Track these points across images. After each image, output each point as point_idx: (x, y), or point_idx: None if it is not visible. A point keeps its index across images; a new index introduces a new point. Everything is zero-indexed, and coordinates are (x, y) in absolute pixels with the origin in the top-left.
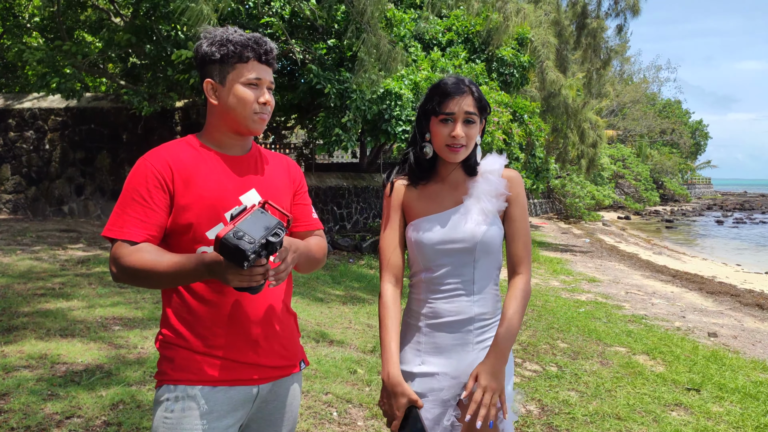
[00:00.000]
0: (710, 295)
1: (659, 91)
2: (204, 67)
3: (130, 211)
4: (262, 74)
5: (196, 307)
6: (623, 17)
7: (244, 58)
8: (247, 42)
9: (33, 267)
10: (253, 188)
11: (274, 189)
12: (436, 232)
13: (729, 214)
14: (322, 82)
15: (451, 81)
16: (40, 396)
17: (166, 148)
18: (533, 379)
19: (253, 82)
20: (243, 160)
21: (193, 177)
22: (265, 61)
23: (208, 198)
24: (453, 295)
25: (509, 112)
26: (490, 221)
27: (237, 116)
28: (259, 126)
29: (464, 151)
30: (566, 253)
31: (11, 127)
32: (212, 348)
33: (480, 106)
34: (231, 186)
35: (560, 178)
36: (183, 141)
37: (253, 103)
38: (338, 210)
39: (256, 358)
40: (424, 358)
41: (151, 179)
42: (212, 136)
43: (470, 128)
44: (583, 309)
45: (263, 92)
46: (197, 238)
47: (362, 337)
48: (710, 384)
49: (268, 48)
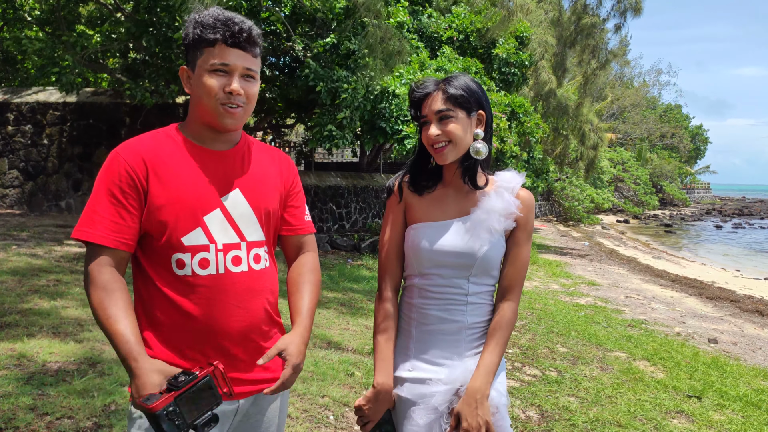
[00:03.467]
0: (710, 301)
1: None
2: (185, 53)
3: (101, 210)
4: (232, 59)
5: (172, 319)
6: (624, 17)
7: (211, 42)
8: (214, 23)
9: (28, 263)
10: (237, 188)
11: (261, 189)
12: (436, 240)
13: (728, 219)
14: (315, 80)
15: (420, 83)
16: (30, 396)
17: (141, 140)
18: (533, 384)
19: (219, 68)
20: (227, 156)
21: (170, 174)
22: (235, 44)
23: (186, 199)
24: (446, 303)
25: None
26: (495, 240)
27: (205, 108)
28: (229, 120)
29: (451, 148)
30: (565, 256)
31: (9, 121)
32: (188, 362)
33: (454, 99)
34: (212, 186)
35: (560, 181)
36: (162, 132)
37: (218, 92)
38: (337, 209)
39: (235, 374)
40: (414, 363)
41: (124, 176)
42: (192, 130)
43: (446, 124)
44: (583, 313)
45: (232, 80)
46: (172, 244)
47: (360, 339)
48: (711, 391)
49: (240, 28)
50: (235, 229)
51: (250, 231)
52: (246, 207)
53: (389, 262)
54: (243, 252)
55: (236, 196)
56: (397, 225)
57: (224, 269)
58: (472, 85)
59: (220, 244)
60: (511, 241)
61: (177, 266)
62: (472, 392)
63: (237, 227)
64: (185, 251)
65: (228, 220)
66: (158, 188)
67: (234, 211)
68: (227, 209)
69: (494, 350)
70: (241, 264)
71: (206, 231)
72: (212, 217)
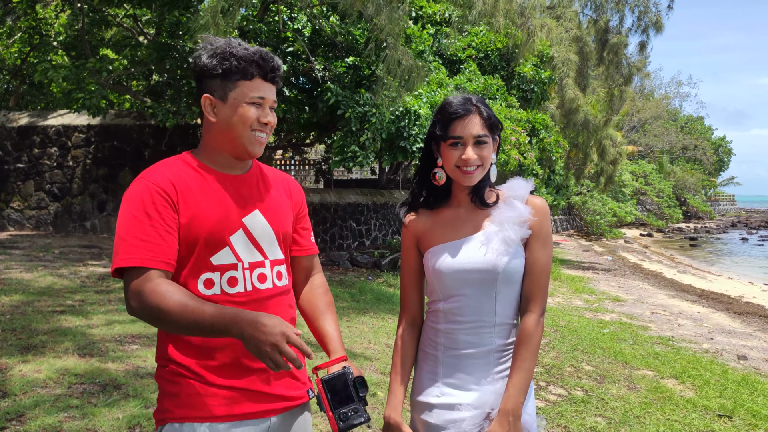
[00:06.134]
0: (738, 316)
1: (681, 106)
2: (202, 81)
3: (139, 234)
4: (267, 93)
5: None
6: (646, 34)
7: (249, 75)
8: (252, 57)
9: (53, 283)
10: (256, 209)
11: (278, 211)
12: (455, 260)
13: (754, 231)
14: (342, 105)
15: (456, 101)
16: (56, 417)
17: (164, 165)
18: (558, 404)
19: (257, 102)
20: (244, 180)
21: (195, 197)
22: (270, 79)
23: (213, 220)
24: (473, 327)
25: (527, 129)
26: (513, 251)
27: (236, 136)
28: (258, 149)
29: (479, 171)
30: (588, 271)
31: (36, 143)
32: (220, 379)
33: (490, 125)
34: (234, 207)
35: (581, 195)
36: (179, 159)
37: (254, 122)
38: (357, 226)
39: (266, 388)
40: (443, 389)
41: (158, 197)
42: (210, 156)
43: (482, 149)
44: (608, 330)
45: (266, 112)
46: (201, 264)
47: (382, 358)
48: (742, 410)
49: (275, 65)
50: (257, 248)
51: (271, 250)
52: (266, 227)
53: (405, 291)
54: (267, 269)
55: (256, 217)
56: (409, 255)
57: (251, 286)
58: (492, 111)
59: (246, 262)
60: (527, 250)
61: (205, 286)
62: (504, 414)
63: (259, 246)
64: (214, 270)
65: (250, 239)
66: (187, 210)
67: (255, 231)
68: (249, 229)
69: (522, 366)
70: (266, 281)
71: (233, 250)
72: (237, 236)
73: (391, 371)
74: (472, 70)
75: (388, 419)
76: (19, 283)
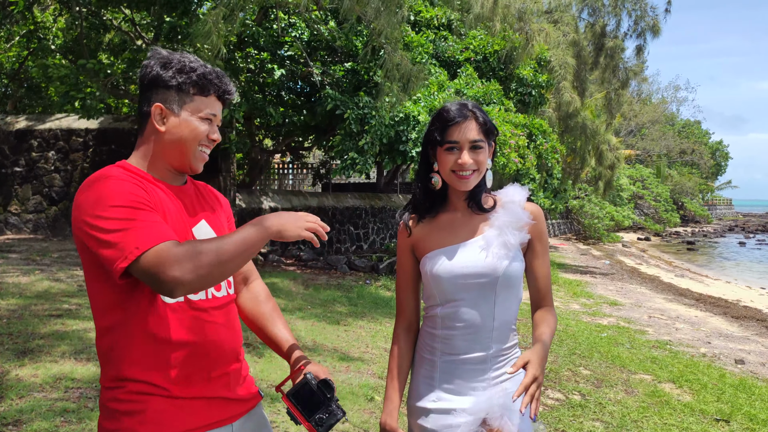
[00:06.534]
0: (735, 320)
1: (678, 111)
2: (152, 90)
3: (142, 217)
4: (218, 111)
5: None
6: (643, 38)
7: (206, 92)
8: (211, 75)
9: (50, 287)
10: (202, 219)
11: (218, 220)
12: (454, 264)
13: (751, 235)
14: (341, 107)
15: (453, 107)
16: (53, 422)
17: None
18: (556, 408)
19: (209, 117)
20: (186, 191)
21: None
22: (223, 100)
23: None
24: (471, 331)
25: (525, 133)
26: (513, 255)
27: (184, 150)
28: (200, 165)
29: (475, 176)
30: (586, 275)
31: (33, 147)
32: (186, 390)
33: (486, 130)
34: (183, 217)
35: (578, 199)
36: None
37: (204, 138)
38: (355, 230)
39: (229, 393)
40: (439, 394)
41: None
42: (153, 165)
43: (478, 154)
44: (606, 334)
45: (215, 129)
46: None
47: (380, 362)
48: (740, 414)
49: (230, 88)
50: None
51: None
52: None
53: (401, 296)
54: None
55: (204, 226)
56: (405, 260)
57: (210, 294)
58: (488, 116)
59: None
60: (530, 255)
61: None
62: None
63: None
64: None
65: None
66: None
67: None
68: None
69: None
70: (221, 289)
71: None
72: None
73: (387, 377)
74: (470, 74)
75: (384, 425)
76: (16, 287)
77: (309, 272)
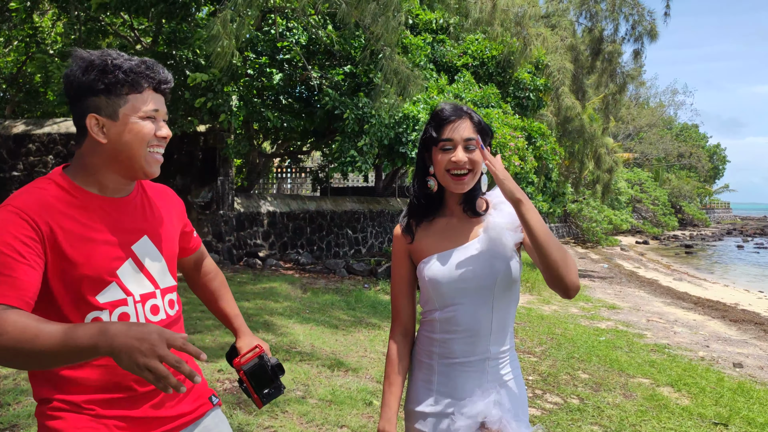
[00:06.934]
0: (734, 324)
1: (676, 114)
2: (82, 100)
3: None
4: (159, 105)
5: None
6: (640, 42)
7: (139, 88)
8: (139, 68)
9: None
10: (144, 235)
11: (166, 233)
12: (452, 269)
13: (749, 239)
14: (340, 107)
15: (448, 107)
16: None
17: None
18: (554, 413)
19: (151, 115)
20: (128, 203)
21: (75, 228)
22: (161, 91)
23: (97, 254)
24: (469, 335)
25: (524, 136)
26: (509, 256)
27: (132, 156)
28: (156, 168)
29: (470, 177)
30: (584, 278)
31: (31, 151)
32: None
33: (480, 130)
34: (120, 236)
35: (577, 203)
36: (51, 182)
37: (152, 138)
38: (353, 234)
39: (155, 412)
40: (438, 398)
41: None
42: (93, 179)
43: (472, 153)
44: (604, 337)
45: (161, 125)
46: (87, 302)
47: (378, 366)
48: (738, 418)
49: (165, 76)
50: (148, 278)
51: (162, 278)
52: (156, 254)
53: (396, 301)
54: (159, 300)
55: (145, 244)
56: (401, 265)
57: (144, 319)
58: (482, 119)
59: (137, 295)
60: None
61: None
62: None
63: (150, 275)
64: (102, 308)
65: (140, 269)
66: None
67: (145, 260)
68: (138, 258)
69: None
70: (159, 312)
71: (121, 285)
72: (125, 268)
73: (384, 383)
74: (468, 79)
75: (383, 431)
76: None
77: (307, 276)
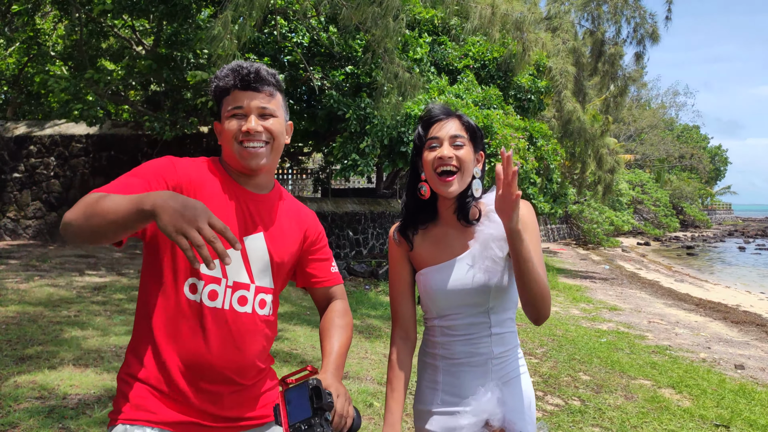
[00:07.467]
0: (735, 325)
1: (677, 116)
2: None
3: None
4: (245, 101)
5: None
6: (642, 45)
7: (227, 91)
8: (226, 72)
9: (50, 294)
10: (260, 232)
11: (281, 239)
12: (447, 282)
13: (751, 240)
14: (342, 108)
15: (436, 107)
16: (51, 429)
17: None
18: (556, 414)
19: (235, 113)
20: (260, 200)
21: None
22: (246, 87)
23: None
24: (470, 338)
25: (525, 137)
26: (501, 268)
27: (230, 153)
28: (252, 161)
29: (458, 178)
30: (585, 280)
31: (33, 153)
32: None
33: (468, 128)
34: (239, 222)
35: (578, 204)
36: (207, 161)
37: (237, 134)
38: (354, 235)
39: (216, 410)
40: (443, 397)
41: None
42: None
43: (459, 150)
44: (605, 339)
45: (249, 119)
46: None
47: (378, 368)
48: (739, 420)
49: (249, 70)
50: (248, 270)
51: (260, 276)
52: (264, 252)
53: (396, 305)
54: (250, 294)
55: (257, 239)
56: (399, 270)
57: (229, 306)
58: (473, 122)
59: (230, 280)
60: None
61: (190, 290)
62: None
63: (250, 269)
64: (200, 278)
65: (244, 259)
66: None
67: (252, 253)
68: (246, 250)
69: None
70: (246, 305)
71: (221, 265)
72: (231, 252)
73: (387, 388)
74: (470, 80)
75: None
76: (15, 293)
77: None
